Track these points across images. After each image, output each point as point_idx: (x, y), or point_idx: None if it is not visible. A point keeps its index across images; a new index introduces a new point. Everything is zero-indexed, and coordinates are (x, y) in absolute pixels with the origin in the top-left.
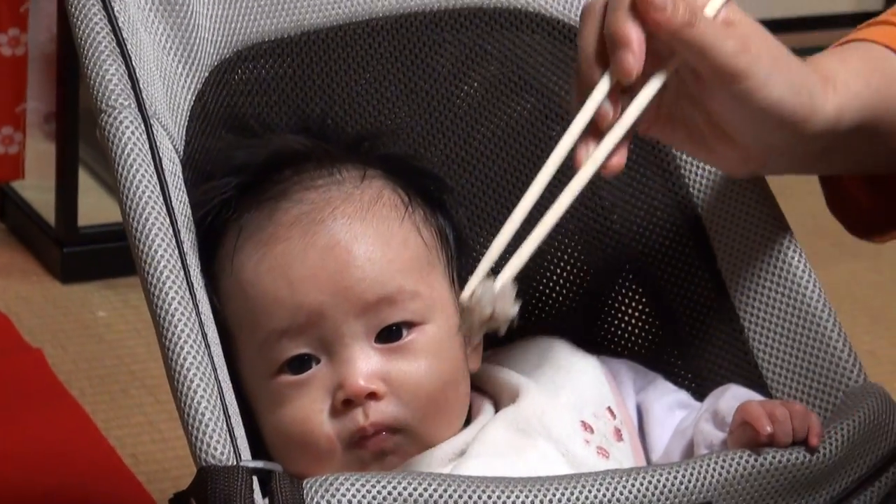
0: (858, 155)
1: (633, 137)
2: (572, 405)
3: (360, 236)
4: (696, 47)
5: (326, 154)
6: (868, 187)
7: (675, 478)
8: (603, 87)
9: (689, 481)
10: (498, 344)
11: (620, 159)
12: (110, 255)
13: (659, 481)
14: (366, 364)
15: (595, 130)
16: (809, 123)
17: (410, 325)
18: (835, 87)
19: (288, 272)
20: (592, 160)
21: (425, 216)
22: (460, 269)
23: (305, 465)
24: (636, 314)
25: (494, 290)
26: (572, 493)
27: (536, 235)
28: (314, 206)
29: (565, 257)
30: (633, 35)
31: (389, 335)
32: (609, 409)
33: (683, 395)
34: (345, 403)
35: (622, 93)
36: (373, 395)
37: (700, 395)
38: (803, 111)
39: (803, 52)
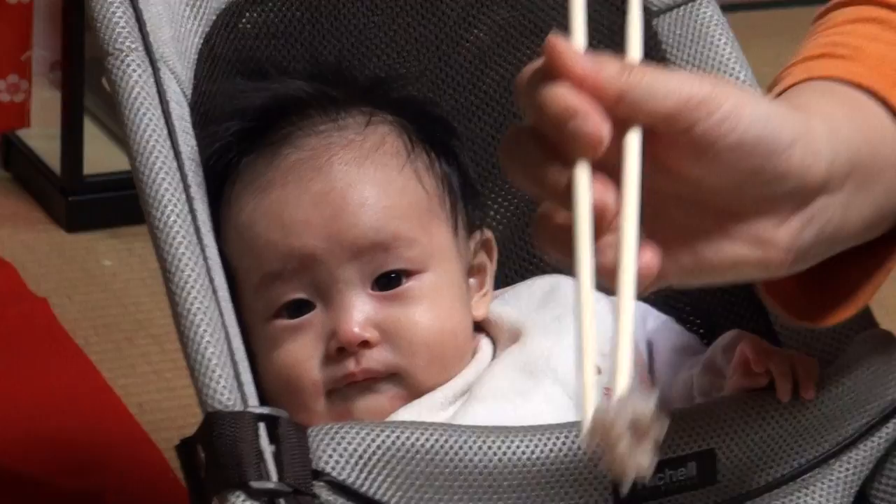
0: (850, 222)
1: None
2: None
3: (355, 182)
4: (644, 89)
5: (331, 100)
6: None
7: (678, 424)
8: (581, 180)
9: (692, 427)
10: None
11: (654, 257)
12: (116, 204)
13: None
14: (360, 311)
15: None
16: (812, 137)
17: (409, 273)
18: (811, 111)
19: (281, 216)
20: (627, 265)
21: (428, 163)
22: (468, 215)
23: (291, 409)
24: None
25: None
26: (573, 442)
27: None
28: (313, 153)
29: None
30: (576, 100)
31: (388, 282)
32: None
33: (693, 340)
34: (338, 351)
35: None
36: (365, 344)
37: (709, 340)
38: (801, 124)
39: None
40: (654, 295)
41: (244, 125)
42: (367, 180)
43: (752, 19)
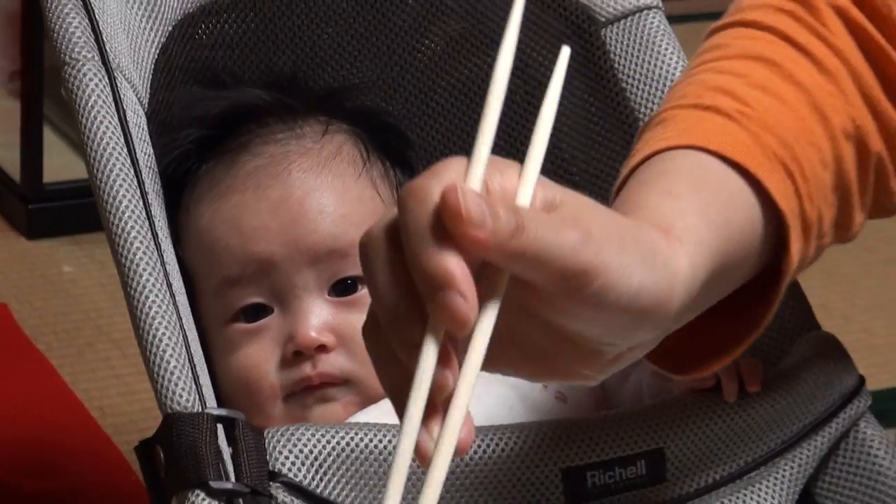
0: (703, 305)
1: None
2: None
3: (313, 190)
4: (530, 256)
5: (288, 108)
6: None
7: (628, 423)
8: (429, 351)
9: (642, 427)
10: None
11: (469, 432)
12: (76, 212)
13: (612, 428)
14: (317, 317)
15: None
16: (671, 299)
17: (364, 280)
18: (679, 239)
19: (240, 222)
20: (444, 449)
21: (384, 172)
22: None
23: (248, 413)
24: None
25: None
26: (525, 442)
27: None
28: (271, 160)
29: None
30: (455, 268)
31: (344, 289)
32: None
33: None
34: (295, 355)
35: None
36: (322, 348)
37: None
38: (665, 287)
39: None
40: None
41: (203, 133)
42: (324, 188)
43: (701, 30)
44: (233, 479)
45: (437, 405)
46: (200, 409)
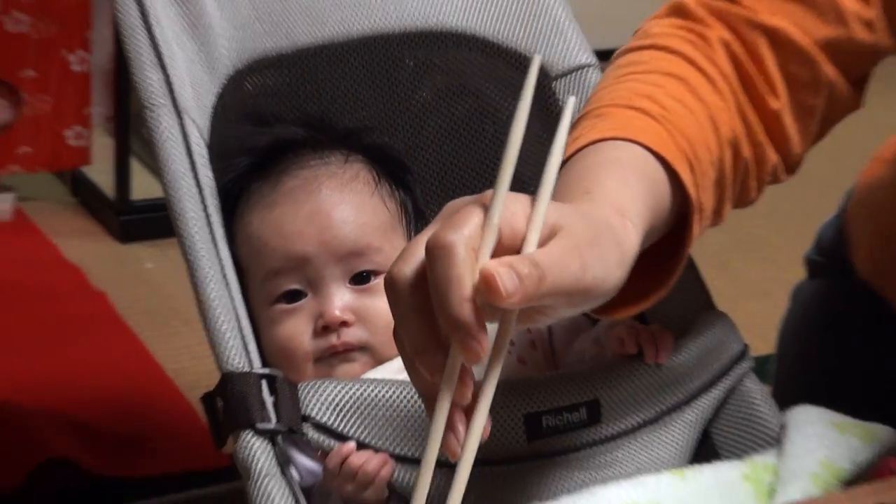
0: None
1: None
2: None
3: (338, 205)
4: (546, 295)
5: (318, 142)
6: None
7: (573, 380)
8: (446, 394)
9: (583, 382)
10: None
11: (487, 428)
12: (156, 222)
13: (561, 383)
14: (340, 300)
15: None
16: (623, 278)
17: (376, 273)
18: (632, 222)
19: (282, 229)
20: (469, 450)
21: (391, 191)
22: (417, 229)
23: (286, 372)
24: None
25: None
26: (495, 395)
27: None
28: (305, 181)
29: None
30: (473, 319)
31: (360, 279)
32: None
33: (582, 320)
34: (323, 328)
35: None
36: (344, 324)
37: (595, 319)
38: (625, 275)
39: None
40: None
41: (253, 160)
42: (346, 203)
43: None
44: (274, 421)
45: (460, 410)
46: (249, 369)
